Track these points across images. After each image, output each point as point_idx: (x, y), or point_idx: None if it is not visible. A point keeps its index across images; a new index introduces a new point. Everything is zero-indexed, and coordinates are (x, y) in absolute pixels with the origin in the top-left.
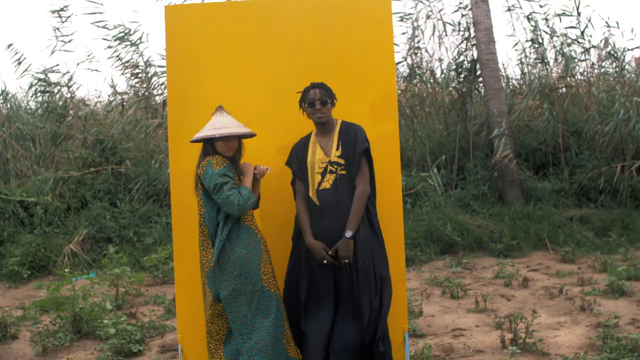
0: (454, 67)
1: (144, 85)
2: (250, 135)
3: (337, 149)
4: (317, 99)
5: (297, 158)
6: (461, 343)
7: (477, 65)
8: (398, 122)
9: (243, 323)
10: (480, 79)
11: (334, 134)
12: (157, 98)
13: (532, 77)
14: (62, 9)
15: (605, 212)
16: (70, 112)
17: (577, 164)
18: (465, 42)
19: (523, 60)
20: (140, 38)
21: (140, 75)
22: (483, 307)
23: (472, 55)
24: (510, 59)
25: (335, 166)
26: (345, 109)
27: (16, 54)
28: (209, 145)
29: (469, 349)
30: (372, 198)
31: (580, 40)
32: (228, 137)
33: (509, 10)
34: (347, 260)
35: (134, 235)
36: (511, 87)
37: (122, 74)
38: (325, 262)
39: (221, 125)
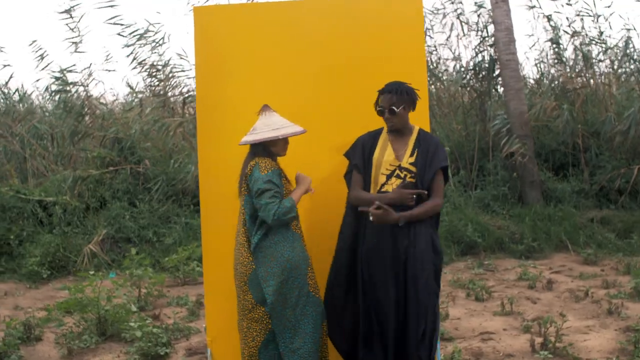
0: (471, 66)
1: (162, 84)
2: (300, 133)
3: (411, 155)
4: (385, 108)
5: (364, 151)
6: (490, 347)
7: (497, 65)
8: (429, 122)
9: (287, 327)
10: (500, 78)
11: (410, 140)
12: (175, 97)
13: (551, 77)
14: (68, 10)
15: (626, 214)
16: (88, 111)
17: (597, 165)
18: (483, 41)
19: (543, 59)
20: (162, 38)
21: (158, 74)
22: (509, 310)
23: (490, 54)
24: (527, 58)
25: (405, 172)
26: None
27: (40, 49)
28: (260, 146)
29: (499, 353)
30: (437, 221)
31: (597, 40)
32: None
33: (530, 9)
34: (380, 210)
35: (154, 235)
36: (529, 87)
37: (140, 72)
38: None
39: (279, 125)
